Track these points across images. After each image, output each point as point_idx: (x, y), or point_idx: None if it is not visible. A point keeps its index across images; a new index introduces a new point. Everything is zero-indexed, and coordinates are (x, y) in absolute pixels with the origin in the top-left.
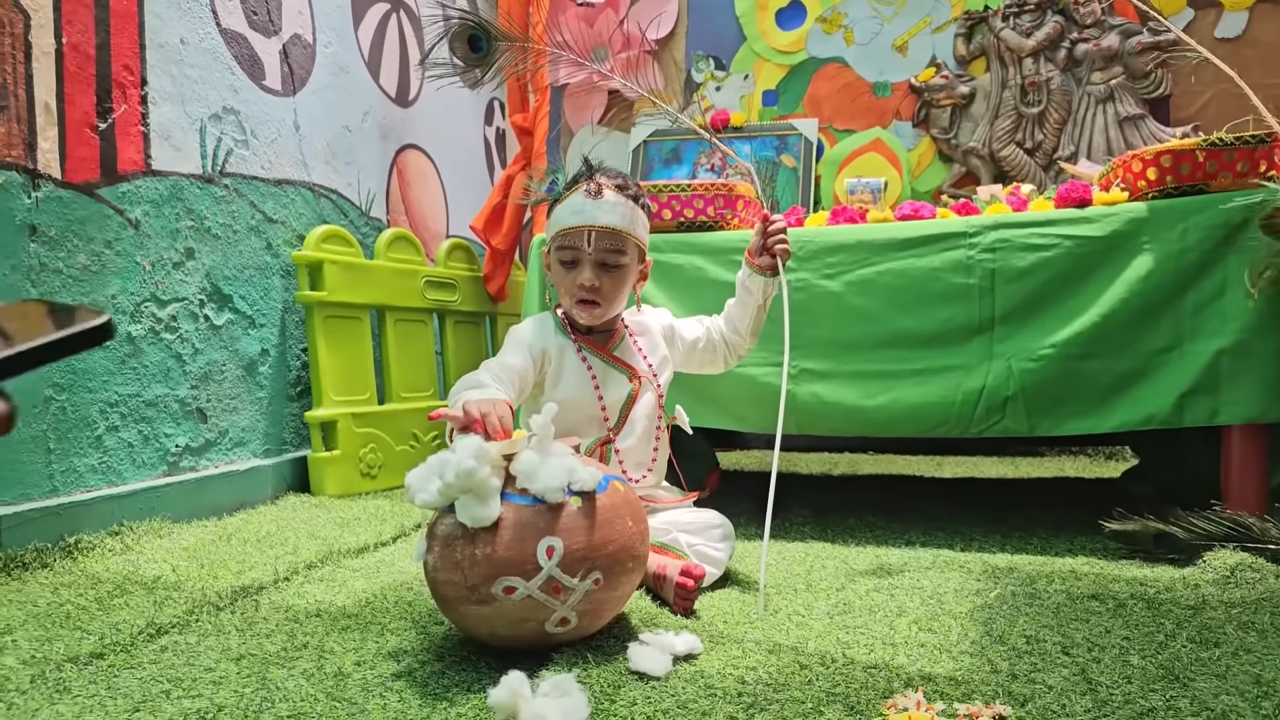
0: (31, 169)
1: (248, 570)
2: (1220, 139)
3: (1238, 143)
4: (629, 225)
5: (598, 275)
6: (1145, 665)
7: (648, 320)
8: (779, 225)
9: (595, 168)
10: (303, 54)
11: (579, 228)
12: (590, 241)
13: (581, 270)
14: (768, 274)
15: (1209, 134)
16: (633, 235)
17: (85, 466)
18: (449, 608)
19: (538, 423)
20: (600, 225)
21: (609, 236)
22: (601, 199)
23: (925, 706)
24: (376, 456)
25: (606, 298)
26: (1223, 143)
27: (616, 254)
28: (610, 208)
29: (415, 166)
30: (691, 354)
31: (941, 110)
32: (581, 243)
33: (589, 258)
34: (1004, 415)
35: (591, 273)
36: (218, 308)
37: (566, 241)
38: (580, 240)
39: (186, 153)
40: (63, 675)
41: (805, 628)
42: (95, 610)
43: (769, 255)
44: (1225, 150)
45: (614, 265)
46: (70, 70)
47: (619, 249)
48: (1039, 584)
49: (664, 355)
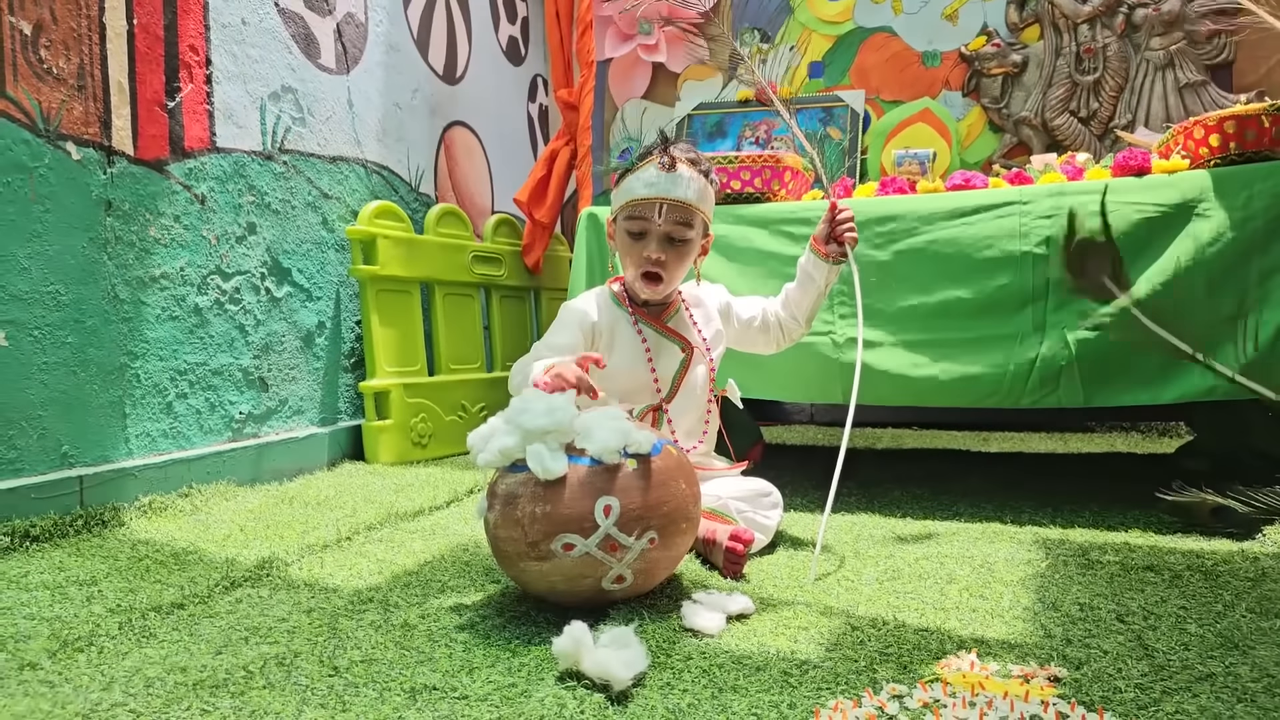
0: (107, 146)
1: (311, 530)
2: None
3: None
4: (699, 200)
5: (664, 248)
6: (1203, 633)
7: (704, 295)
8: (848, 214)
9: (670, 140)
10: (356, 33)
11: (651, 200)
12: (661, 214)
13: (649, 242)
14: (834, 261)
15: (1275, 100)
16: (701, 210)
17: (157, 431)
18: (509, 564)
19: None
20: (673, 199)
21: (679, 210)
22: (676, 172)
23: (979, 667)
24: (427, 426)
25: (670, 271)
26: None
27: (684, 227)
28: (684, 182)
29: (462, 143)
30: (745, 332)
31: (992, 79)
32: (653, 214)
33: (658, 230)
34: (1058, 386)
35: (658, 245)
36: (278, 281)
37: (637, 212)
38: (651, 212)
39: (248, 130)
40: (147, 623)
41: (855, 592)
42: (172, 565)
43: (837, 243)
44: None
45: (680, 239)
46: (141, 50)
47: (688, 222)
48: (1092, 554)
49: (718, 329)
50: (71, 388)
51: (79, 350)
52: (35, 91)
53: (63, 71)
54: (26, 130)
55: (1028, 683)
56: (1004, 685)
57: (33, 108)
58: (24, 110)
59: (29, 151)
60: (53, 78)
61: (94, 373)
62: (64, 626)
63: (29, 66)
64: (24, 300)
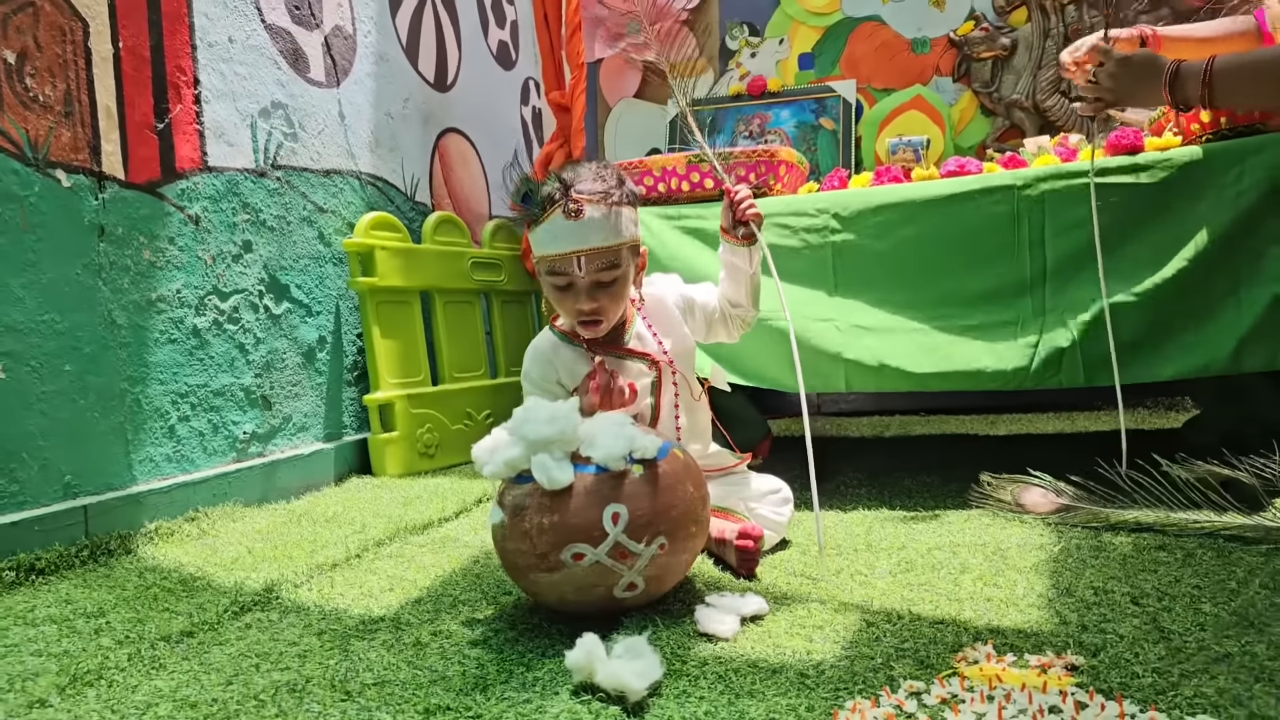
0: (97, 171)
1: (320, 549)
2: None
3: None
4: (616, 236)
5: (594, 295)
6: (1218, 612)
7: (660, 292)
8: (744, 193)
9: (568, 183)
10: (344, 45)
11: (566, 254)
12: (581, 266)
13: (577, 295)
14: (746, 242)
15: None
16: (623, 243)
17: (161, 455)
18: (519, 575)
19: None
20: (589, 248)
21: (600, 255)
22: (583, 219)
23: (996, 658)
24: (433, 436)
25: (608, 312)
26: None
27: (610, 269)
28: (594, 226)
29: (456, 150)
30: (710, 324)
31: (982, 63)
32: (572, 268)
33: (582, 282)
34: (1060, 369)
35: (588, 296)
36: (276, 298)
37: (555, 268)
38: (569, 266)
39: (239, 148)
40: (157, 653)
41: (869, 586)
42: (180, 592)
43: (743, 225)
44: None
45: (609, 281)
46: (128, 73)
47: (613, 263)
48: (1104, 536)
49: (682, 332)
50: (72, 416)
51: (78, 378)
52: (22, 120)
53: (49, 99)
54: (15, 160)
55: (1045, 673)
56: (1021, 677)
57: (20, 137)
58: (11, 140)
59: (18, 181)
60: (39, 105)
61: (94, 400)
62: (72, 661)
63: (14, 95)
64: (20, 331)
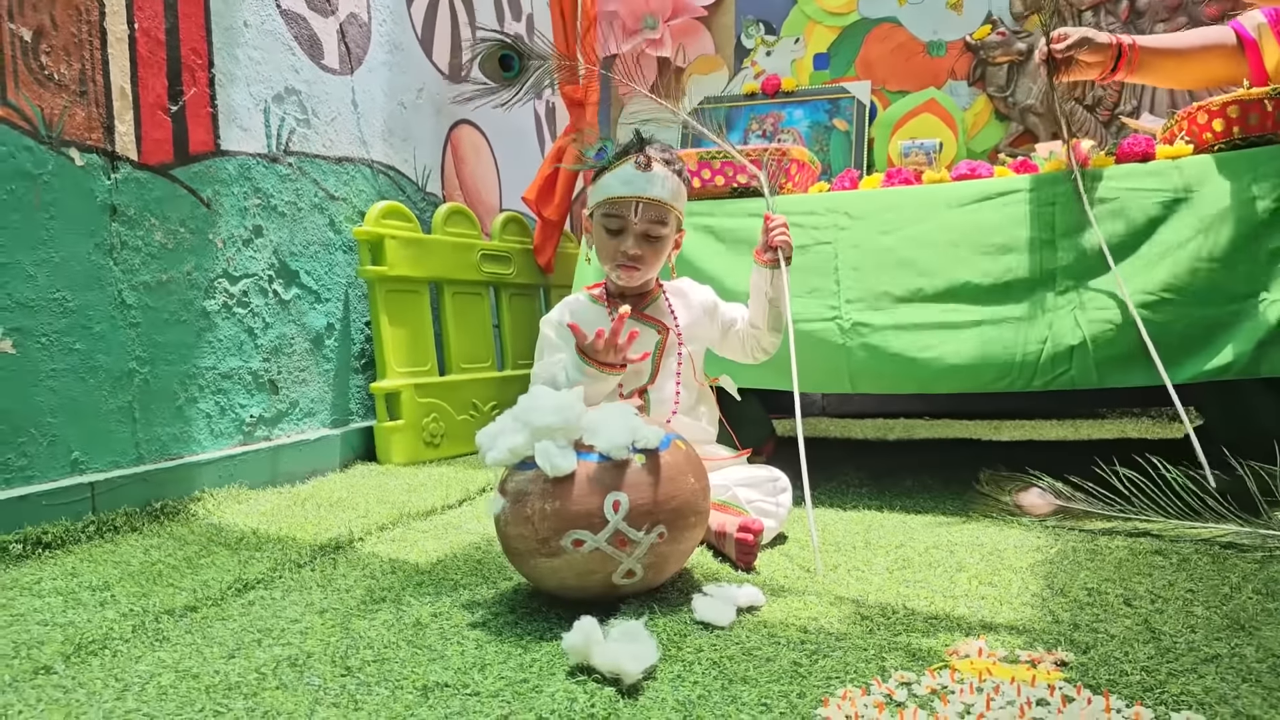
0: (111, 151)
1: (324, 531)
2: None
3: None
4: (673, 198)
5: (640, 244)
6: (1210, 615)
7: (688, 289)
8: (779, 221)
9: (645, 140)
10: (359, 33)
11: (628, 198)
12: (638, 212)
13: (626, 239)
14: (771, 267)
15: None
16: (675, 208)
17: (168, 435)
18: (520, 560)
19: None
20: (649, 197)
21: (655, 208)
22: (651, 171)
23: (987, 653)
24: (439, 426)
25: (646, 264)
26: None
27: (659, 224)
28: (659, 181)
29: (468, 141)
30: (727, 334)
31: (998, 68)
32: (629, 213)
33: (635, 227)
34: (1070, 366)
35: (635, 241)
36: (285, 283)
37: (614, 210)
38: (628, 210)
39: (252, 133)
40: (160, 626)
41: (865, 582)
42: (185, 569)
43: (771, 250)
44: None
45: (656, 236)
46: (143, 55)
47: (662, 220)
48: (1100, 540)
49: (698, 319)
50: (80, 394)
51: (87, 356)
52: (37, 98)
53: (64, 77)
54: (29, 137)
55: (1035, 668)
56: (1011, 671)
57: (35, 114)
58: (26, 117)
59: (32, 159)
60: (54, 84)
61: (103, 379)
62: (77, 632)
63: (30, 73)
64: (31, 307)
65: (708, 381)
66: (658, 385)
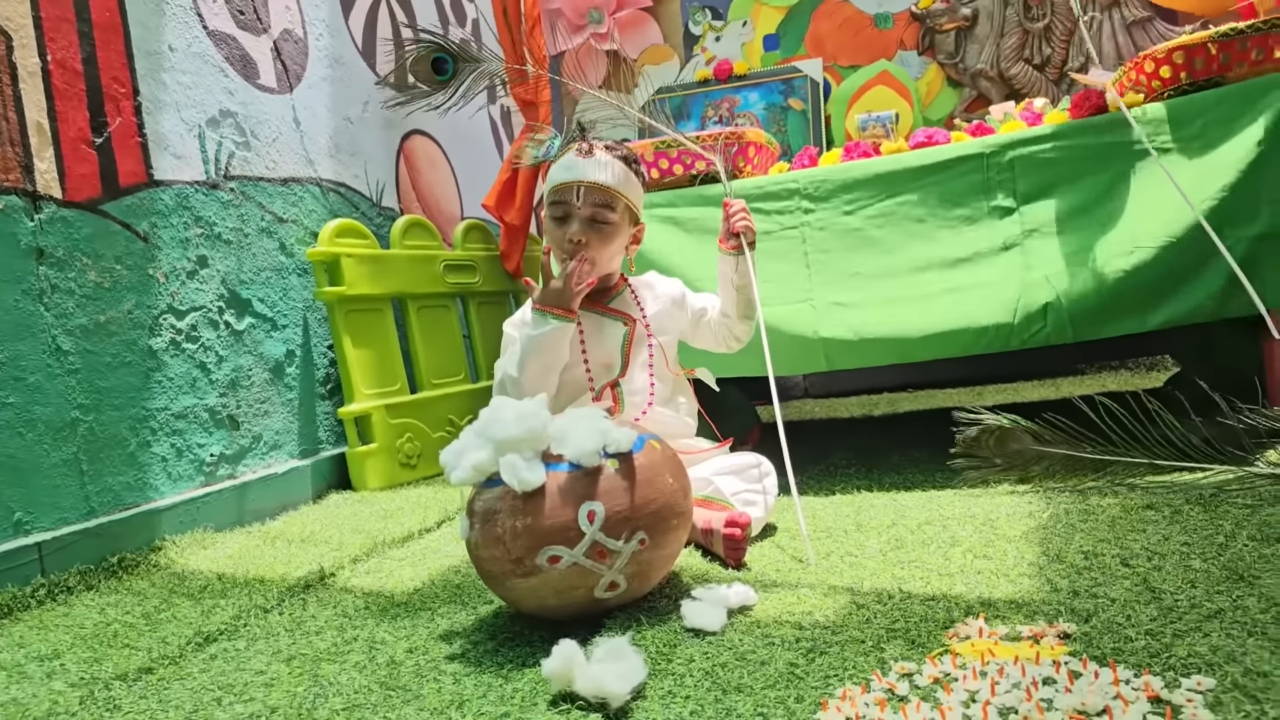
0: (31, 191)
1: (294, 570)
2: (1232, 29)
3: (1250, 30)
4: (618, 184)
5: (585, 230)
6: (1208, 568)
7: (656, 282)
8: (738, 206)
9: (587, 128)
10: (295, 49)
11: (569, 183)
12: (579, 196)
13: (570, 225)
14: (735, 254)
15: (1218, 27)
16: (623, 195)
17: (120, 485)
18: (495, 583)
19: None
20: (589, 181)
21: (597, 192)
22: (592, 157)
23: (988, 632)
24: (414, 446)
25: (594, 250)
26: (1235, 32)
27: (605, 209)
28: (600, 165)
29: (423, 152)
30: (698, 324)
31: (945, 35)
32: (571, 198)
33: (578, 213)
34: (1045, 323)
35: (580, 227)
36: (237, 313)
37: (557, 197)
38: (570, 195)
39: (188, 160)
40: (111, 693)
41: (859, 567)
42: (143, 626)
43: (734, 235)
44: (1238, 39)
45: (603, 221)
46: (59, 87)
47: (608, 204)
48: (1091, 499)
49: (666, 309)
50: (19, 450)
51: (23, 410)
52: None
53: None
54: None
55: (1038, 643)
56: (1014, 649)
57: None
58: None
59: None
60: None
61: (42, 431)
62: (19, 709)
63: None
64: None
65: (684, 373)
66: (629, 377)
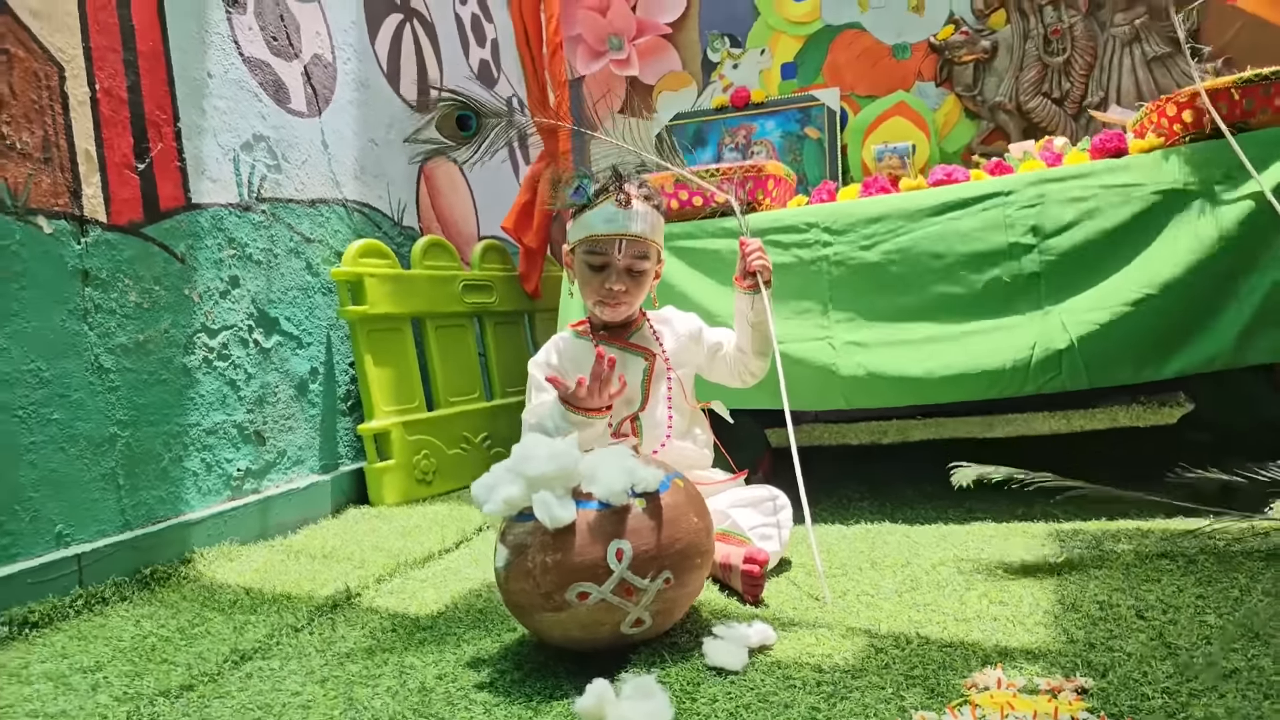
0: (79, 215)
1: (320, 588)
2: (1256, 75)
3: (1274, 77)
4: (652, 232)
5: (624, 279)
6: (1223, 624)
7: (673, 317)
8: (754, 246)
9: (623, 176)
10: (324, 74)
11: (611, 236)
12: (621, 249)
13: (609, 274)
14: (751, 292)
15: (1241, 67)
16: (655, 242)
17: (154, 499)
18: (524, 615)
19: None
20: (631, 234)
21: (637, 244)
22: (631, 209)
23: (1006, 683)
24: (430, 463)
25: (630, 298)
26: (1259, 78)
27: (642, 259)
28: (640, 217)
29: (443, 173)
30: (714, 358)
31: (964, 67)
32: (612, 250)
33: (619, 264)
34: (1060, 370)
35: (618, 277)
36: (266, 332)
37: (598, 248)
38: (611, 248)
39: (223, 183)
40: (156, 709)
41: (875, 608)
42: (179, 641)
43: (750, 275)
44: (1261, 85)
45: (639, 270)
46: (106, 115)
47: (644, 254)
48: (1105, 545)
49: (685, 347)
50: (61, 464)
51: (66, 426)
52: (0, 169)
53: (26, 145)
54: None
55: (1055, 698)
56: (1033, 704)
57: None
58: None
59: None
60: (16, 153)
61: (84, 447)
62: None
63: None
64: (5, 381)
65: (699, 405)
66: (649, 411)
